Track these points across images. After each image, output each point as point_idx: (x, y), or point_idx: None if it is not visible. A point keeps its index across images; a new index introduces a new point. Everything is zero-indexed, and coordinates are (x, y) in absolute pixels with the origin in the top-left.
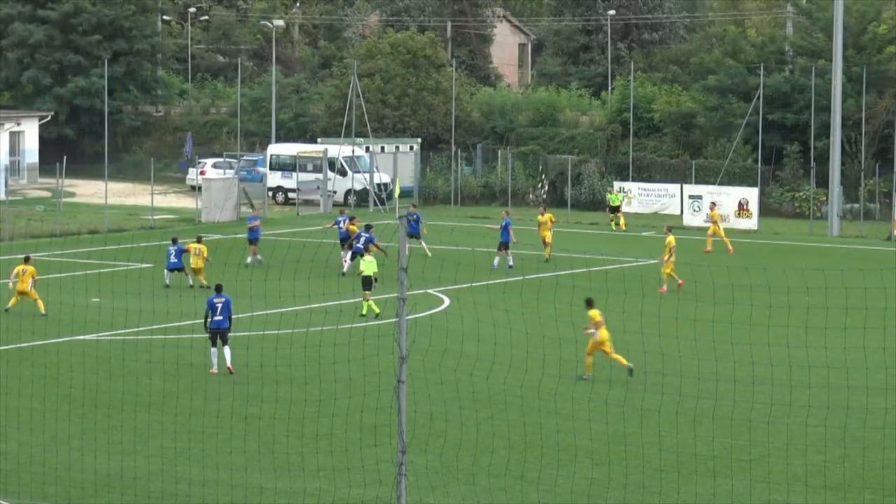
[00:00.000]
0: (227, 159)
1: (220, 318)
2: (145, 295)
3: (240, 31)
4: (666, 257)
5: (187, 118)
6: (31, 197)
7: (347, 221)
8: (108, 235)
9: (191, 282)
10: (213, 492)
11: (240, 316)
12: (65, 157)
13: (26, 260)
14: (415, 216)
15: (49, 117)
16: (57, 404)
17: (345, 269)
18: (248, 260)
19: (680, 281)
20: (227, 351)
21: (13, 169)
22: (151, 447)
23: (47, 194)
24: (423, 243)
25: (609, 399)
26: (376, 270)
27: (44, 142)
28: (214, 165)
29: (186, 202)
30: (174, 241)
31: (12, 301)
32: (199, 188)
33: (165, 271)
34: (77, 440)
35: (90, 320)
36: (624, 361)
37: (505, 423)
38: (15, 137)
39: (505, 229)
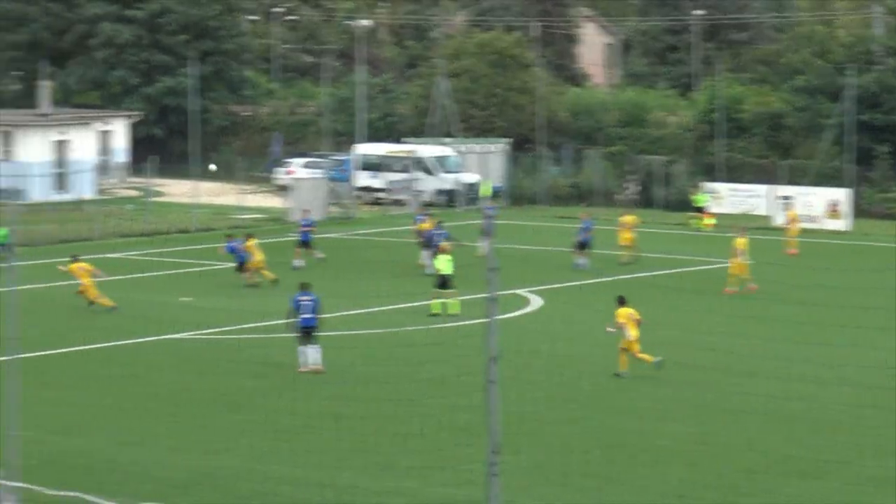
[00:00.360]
0: (315, 159)
1: (309, 316)
2: (234, 294)
3: (326, 30)
4: (737, 259)
5: (275, 118)
6: (121, 196)
7: (422, 221)
8: (197, 235)
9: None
10: (302, 491)
11: (328, 316)
12: (154, 157)
13: (75, 259)
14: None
15: (139, 117)
16: (147, 403)
17: (427, 270)
18: (298, 263)
19: (753, 285)
20: (316, 350)
21: (103, 168)
22: (241, 446)
23: (137, 193)
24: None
25: (696, 401)
26: (450, 269)
27: (133, 141)
28: (304, 165)
29: (274, 201)
30: (229, 238)
31: (95, 298)
32: (287, 188)
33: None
34: (167, 439)
35: (179, 319)
36: (649, 358)
37: (596, 423)
38: (105, 137)
39: (584, 230)
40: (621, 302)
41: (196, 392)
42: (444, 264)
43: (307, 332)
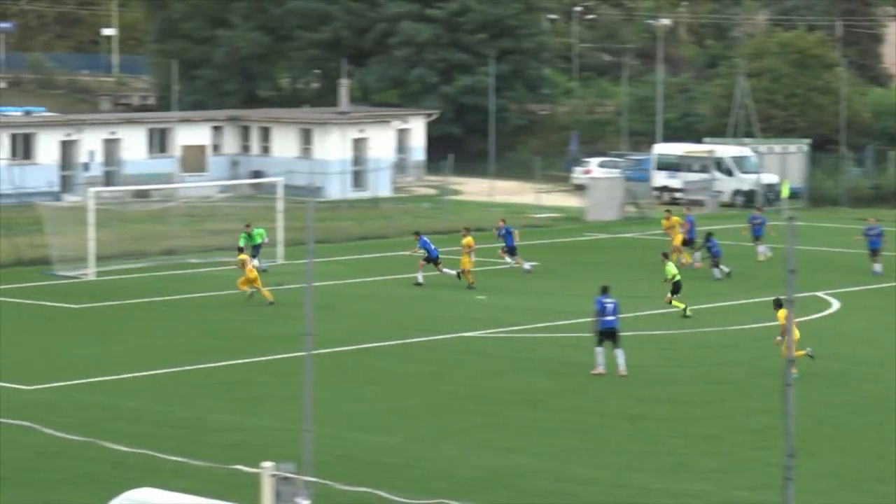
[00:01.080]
0: (612, 158)
1: (612, 318)
2: (529, 293)
3: (626, 29)
4: None
5: (573, 117)
6: (418, 194)
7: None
8: (493, 233)
9: (451, 271)
10: (597, 491)
11: (625, 315)
12: (451, 155)
13: (241, 251)
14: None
15: (437, 115)
16: (442, 400)
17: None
18: (527, 266)
19: None
20: (620, 354)
21: (400, 166)
22: (535, 445)
23: (433, 192)
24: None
25: None
26: (676, 272)
27: (431, 139)
28: (601, 164)
29: (571, 201)
30: (418, 234)
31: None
32: (584, 187)
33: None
34: (461, 436)
35: (475, 317)
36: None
37: (894, 428)
38: (402, 135)
39: (874, 235)
40: (778, 304)
41: (491, 390)
42: (672, 268)
43: (610, 335)
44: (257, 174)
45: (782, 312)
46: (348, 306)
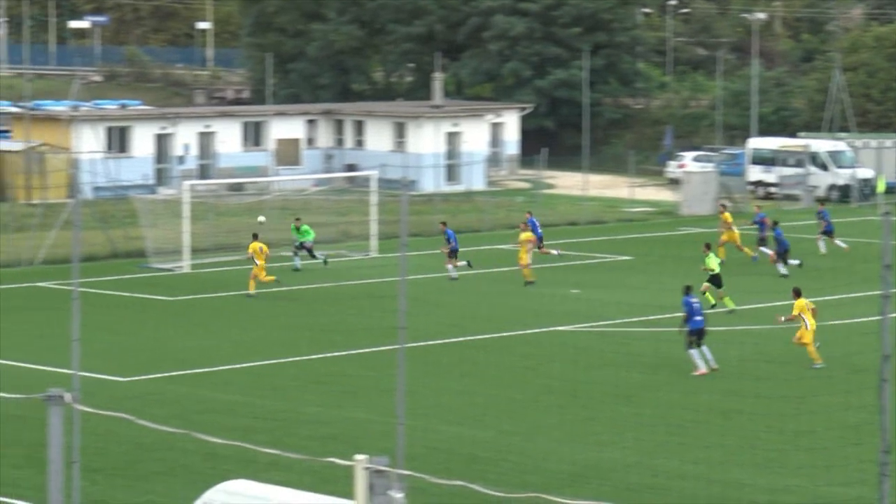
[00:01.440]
0: (707, 152)
1: (700, 318)
2: (623, 287)
3: (720, 23)
4: None
5: (667, 111)
6: (511, 188)
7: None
8: (586, 227)
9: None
10: (690, 486)
11: (719, 311)
12: (545, 149)
13: (255, 237)
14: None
15: (530, 109)
16: (536, 394)
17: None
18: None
19: None
20: (707, 350)
21: (494, 160)
22: (628, 439)
23: (527, 185)
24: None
25: None
26: (716, 266)
27: (524, 133)
28: (696, 159)
29: (665, 195)
30: (444, 224)
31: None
32: (678, 181)
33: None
34: (555, 430)
35: (569, 311)
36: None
37: None
38: (496, 129)
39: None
40: (797, 293)
41: (585, 384)
42: (713, 262)
43: (700, 334)
44: (351, 167)
45: (800, 302)
46: (442, 299)
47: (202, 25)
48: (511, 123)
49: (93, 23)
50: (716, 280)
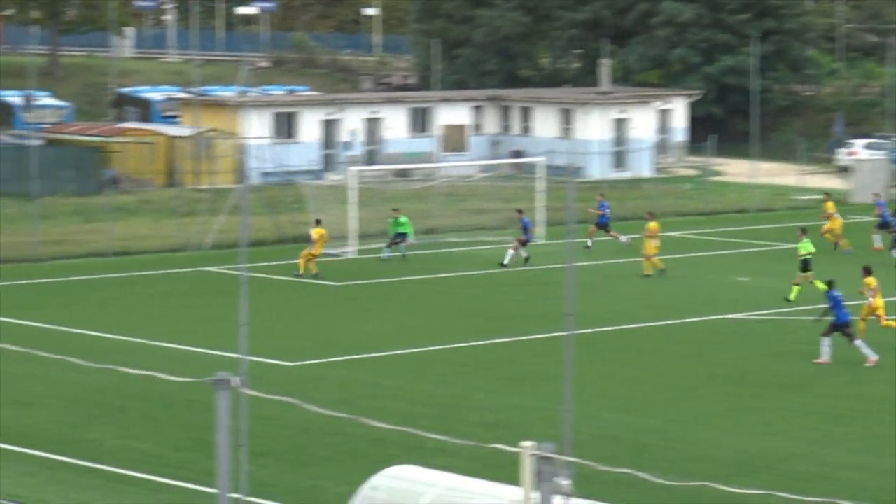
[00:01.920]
0: (878, 140)
1: (844, 311)
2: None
3: (892, 9)
4: None
5: (837, 98)
6: (679, 175)
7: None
8: (756, 215)
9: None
10: (859, 476)
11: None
12: (713, 136)
13: (318, 223)
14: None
15: (698, 96)
16: (702, 382)
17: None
18: (623, 239)
19: None
20: (861, 343)
21: (661, 147)
22: (796, 428)
23: (695, 172)
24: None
25: None
26: (812, 251)
27: (692, 120)
28: (868, 146)
29: (835, 183)
30: (521, 212)
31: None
32: (848, 169)
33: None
34: (722, 419)
35: (736, 299)
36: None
37: None
38: (664, 116)
39: None
40: (867, 272)
41: (752, 373)
42: (804, 246)
43: (845, 327)
44: (518, 154)
45: (870, 279)
46: (609, 286)
47: (369, 12)
48: (679, 110)
49: (260, 9)
50: (805, 265)
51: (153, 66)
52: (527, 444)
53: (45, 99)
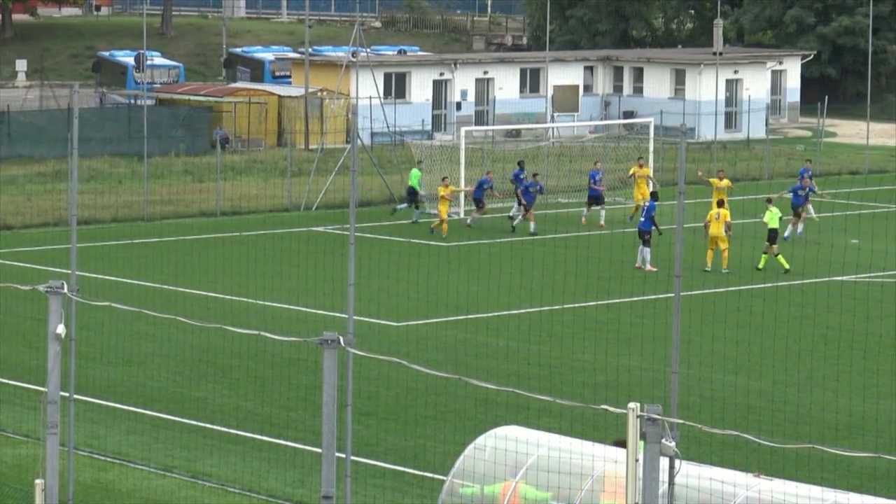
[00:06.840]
0: None
1: None
2: None
3: None
4: None
5: None
6: (792, 136)
7: None
8: (869, 177)
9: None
10: None
11: None
12: (826, 97)
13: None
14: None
15: (811, 56)
16: (813, 344)
17: None
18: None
19: None
20: None
21: (774, 108)
22: None
23: (807, 134)
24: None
25: None
26: (776, 226)
27: (805, 81)
28: None
29: None
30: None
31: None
32: None
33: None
34: (832, 381)
35: (848, 261)
36: None
37: None
38: (777, 76)
39: None
40: None
41: (863, 335)
42: (771, 217)
43: None
44: (629, 114)
45: None
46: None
47: None
48: (792, 71)
49: None
50: (771, 235)
51: (265, 27)
52: (633, 405)
53: (157, 59)
